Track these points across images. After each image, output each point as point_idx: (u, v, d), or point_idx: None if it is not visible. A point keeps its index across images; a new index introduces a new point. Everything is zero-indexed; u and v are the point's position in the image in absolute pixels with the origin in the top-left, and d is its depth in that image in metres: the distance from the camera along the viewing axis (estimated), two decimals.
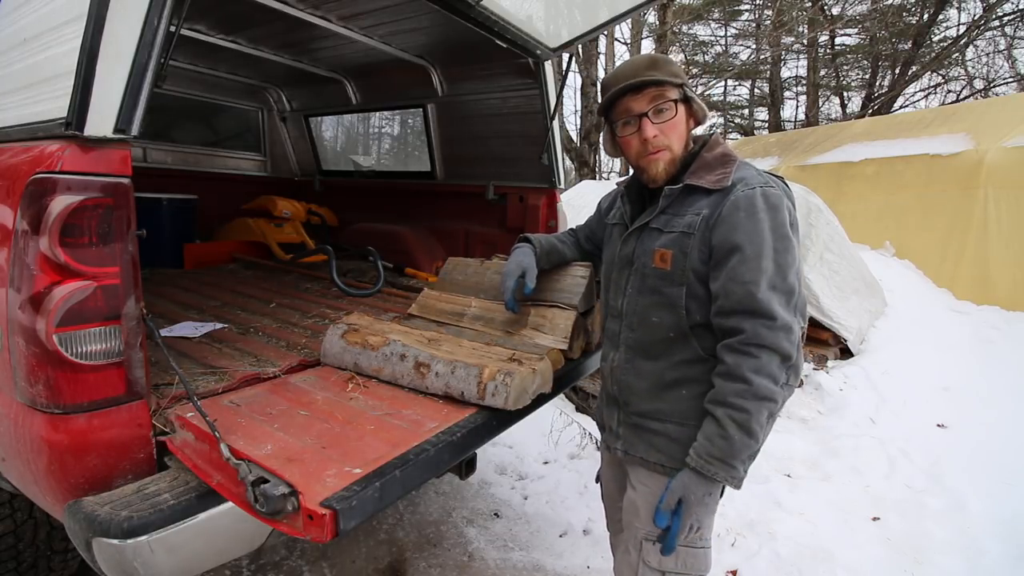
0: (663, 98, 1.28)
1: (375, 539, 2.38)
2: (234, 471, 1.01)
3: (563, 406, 3.56)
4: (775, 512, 2.58)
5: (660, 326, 1.31)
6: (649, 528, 1.36)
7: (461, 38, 2.59)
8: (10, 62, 1.28)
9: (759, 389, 1.13)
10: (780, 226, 1.20)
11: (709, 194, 1.25)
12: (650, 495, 1.37)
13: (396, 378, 1.55)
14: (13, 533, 1.61)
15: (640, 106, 1.29)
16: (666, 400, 1.33)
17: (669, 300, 1.28)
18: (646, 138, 1.29)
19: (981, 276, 5.14)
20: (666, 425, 1.34)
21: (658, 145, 1.29)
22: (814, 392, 3.88)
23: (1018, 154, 5.05)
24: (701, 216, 1.24)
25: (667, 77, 1.27)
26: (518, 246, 1.78)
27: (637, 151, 1.32)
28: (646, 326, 1.34)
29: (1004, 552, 2.31)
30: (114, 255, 1.09)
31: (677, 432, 1.32)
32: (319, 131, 4.08)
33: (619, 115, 1.34)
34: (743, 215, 1.19)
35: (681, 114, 1.30)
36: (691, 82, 1.35)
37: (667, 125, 1.29)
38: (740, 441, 1.15)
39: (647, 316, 1.33)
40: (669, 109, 1.28)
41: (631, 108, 1.30)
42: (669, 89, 1.28)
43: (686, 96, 1.30)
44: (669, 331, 1.30)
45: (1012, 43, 12.11)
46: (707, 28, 15.21)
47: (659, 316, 1.31)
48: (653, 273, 1.31)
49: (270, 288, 2.85)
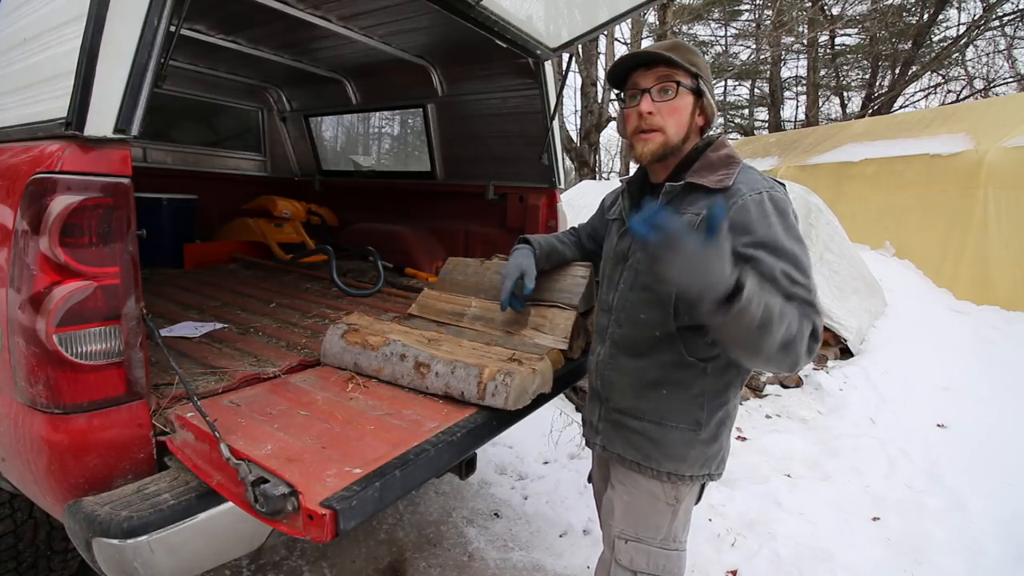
0: (670, 79, 1.25)
1: (375, 539, 2.38)
2: (234, 471, 1.00)
3: (563, 406, 3.56)
4: (775, 512, 2.58)
5: (647, 324, 1.30)
6: (623, 527, 1.36)
7: (461, 38, 2.59)
8: (10, 62, 1.28)
9: (790, 328, 1.04)
10: (791, 228, 1.18)
11: (709, 194, 1.23)
12: (626, 493, 1.37)
13: (396, 378, 1.55)
14: (13, 533, 1.61)
15: (646, 82, 1.27)
16: (646, 399, 1.32)
17: (659, 298, 1.27)
18: (641, 112, 1.27)
19: (981, 276, 5.14)
20: (644, 424, 1.33)
21: (652, 124, 1.26)
22: (814, 392, 3.89)
23: (1018, 154, 5.06)
24: (701, 217, 1.21)
25: (682, 61, 1.24)
26: (517, 247, 1.78)
27: (633, 126, 1.30)
28: (633, 323, 1.33)
29: (1004, 552, 2.31)
30: (114, 255, 1.09)
31: (655, 432, 1.32)
32: (319, 131, 4.08)
33: (628, 88, 1.32)
34: (755, 218, 1.16)
35: (686, 102, 1.27)
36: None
37: (667, 106, 1.26)
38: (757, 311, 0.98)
39: (635, 313, 1.32)
40: (672, 91, 1.25)
41: (638, 82, 1.29)
42: (680, 73, 1.25)
43: (699, 89, 1.28)
44: (655, 330, 1.29)
45: (1012, 43, 12.12)
46: (707, 28, 15.23)
47: (647, 313, 1.30)
48: (646, 270, 1.30)
49: (270, 288, 2.85)
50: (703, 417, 1.30)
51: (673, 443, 1.31)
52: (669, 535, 1.35)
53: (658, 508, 1.35)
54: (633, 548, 1.34)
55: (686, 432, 1.31)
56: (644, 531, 1.35)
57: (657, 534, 1.35)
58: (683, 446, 1.31)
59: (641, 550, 1.34)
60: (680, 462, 1.32)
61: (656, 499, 1.35)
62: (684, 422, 1.30)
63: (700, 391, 1.29)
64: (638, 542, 1.34)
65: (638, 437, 1.34)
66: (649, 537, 1.34)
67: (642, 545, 1.34)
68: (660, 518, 1.35)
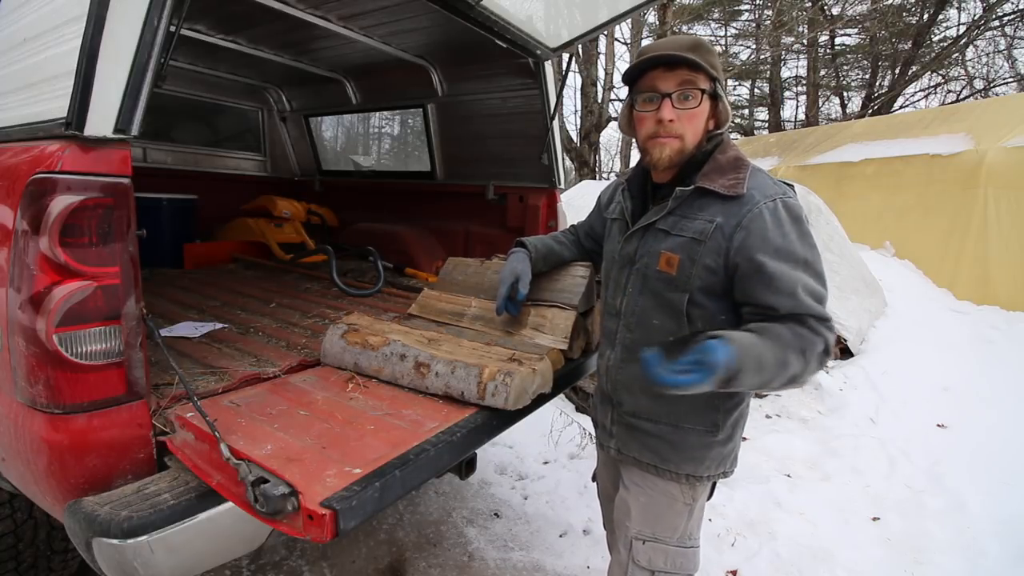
0: (693, 84, 1.20)
1: (375, 539, 2.38)
2: (234, 471, 1.01)
3: (563, 406, 3.56)
4: (775, 512, 2.58)
5: (660, 329, 1.29)
6: (640, 528, 1.36)
7: (461, 38, 2.59)
8: (10, 62, 1.28)
9: (794, 368, 1.10)
10: (806, 235, 1.18)
11: (721, 200, 1.20)
12: (642, 495, 1.38)
13: (396, 378, 1.55)
14: (13, 533, 1.61)
15: (667, 85, 1.21)
16: (660, 402, 1.31)
17: (671, 304, 1.26)
18: (662, 119, 1.21)
19: (981, 276, 5.15)
20: (661, 427, 1.33)
21: (672, 131, 1.22)
22: (814, 392, 3.88)
23: (1018, 154, 5.06)
24: (715, 224, 1.19)
25: (705, 64, 1.19)
26: (513, 251, 1.76)
27: (649, 131, 1.25)
28: (645, 328, 1.32)
29: (1004, 552, 2.31)
30: (114, 255, 1.09)
31: (673, 435, 1.32)
32: (319, 131, 4.08)
33: (643, 88, 1.25)
34: (770, 227, 1.15)
35: (705, 107, 1.23)
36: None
37: (688, 114, 1.21)
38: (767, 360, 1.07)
39: (647, 318, 1.31)
40: (695, 98, 1.21)
41: (657, 85, 1.22)
42: (702, 78, 1.20)
43: (716, 93, 1.24)
44: (669, 335, 1.27)
45: (1012, 43, 12.11)
46: (707, 28, 15.21)
47: (660, 319, 1.29)
48: (656, 276, 1.28)
49: (270, 288, 2.85)
50: (719, 419, 1.30)
51: (691, 446, 1.31)
52: (685, 533, 1.37)
53: (676, 508, 1.36)
54: (651, 548, 1.35)
55: (703, 434, 1.31)
56: (661, 531, 1.36)
57: (674, 533, 1.36)
58: (701, 448, 1.31)
59: (659, 550, 1.35)
60: (698, 464, 1.32)
61: (674, 500, 1.35)
62: (701, 424, 1.30)
63: (716, 393, 1.25)
64: (655, 542, 1.35)
65: (655, 440, 1.34)
66: (666, 537, 1.35)
67: (659, 545, 1.35)
68: (678, 518, 1.36)
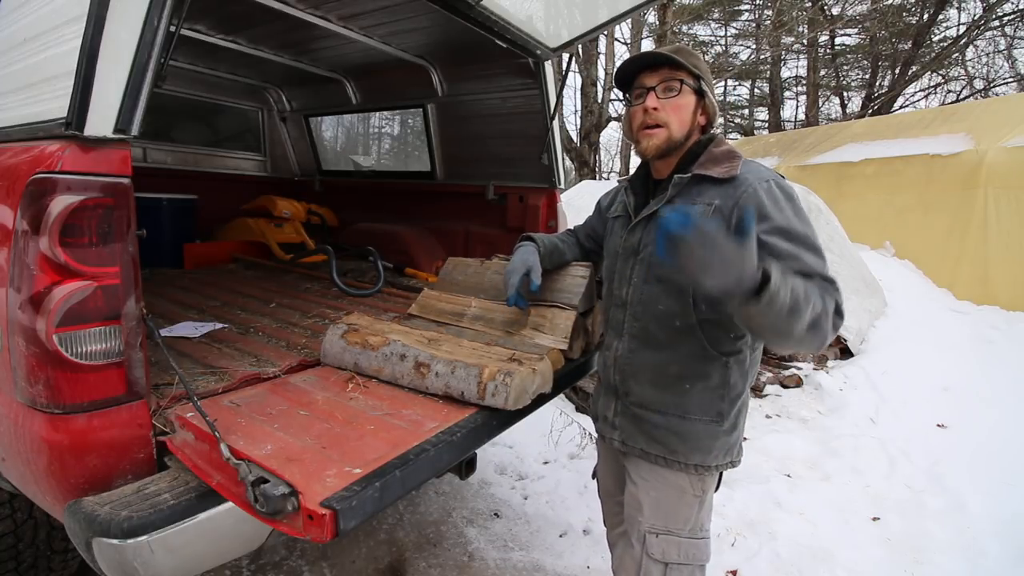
0: (674, 78, 1.31)
1: (375, 539, 2.38)
2: (234, 471, 1.01)
3: (563, 406, 3.56)
4: (775, 512, 2.58)
5: (666, 315, 1.32)
6: (652, 522, 1.37)
7: (461, 38, 2.59)
8: (10, 62, 1.28)
9: (816, 308, 1.08)
10: (800, 211, 1.24)
11: (717, 184, 1.27)
12: (652, 489, 1.39)
13: (396, 378, 1.55)
14: (13, 533, 1.61)
15: (651, 81, 1.33)
16: (669, 392, 1.34)
17: (676, 288, 1.29)
18: (647, 108, 1.31)
19: (981, 276, 5.15)
20: (668, 418, 1.35)
21: (656, 119, 1.31)
22: (814, 392, 3.89)
23: (1018, 154, 5.06)
24: (713, 206, 1.25)
25: (685, 63, 1.30)
26: (521, 244, 1.77)
27: (638, 122, 1.35)
28: (652, 315, 1.35)
29: (1004, 552, 2.31)
30: (114, 255, 1.09)
31: (680, 426, 1.34)
32: (319, 131, 4.08)
33: (634, 89, 1.38)
34: (767, 204, 1.20)
35: (689, 100, 1.33)
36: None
37: (671, 104, 1.31)
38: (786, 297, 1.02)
39: (653, 304, 1.34)
40: (676, 89, 1.31)
41: (643, 82, 1.34)
42: (684, 74, 1.31)
43: (701, 89, 1.33)
44: (675, 320, 1.31)
45: (1012, 43, 12.11)
46: (707, 28, 15.24)
47: (665, 304, 1.32)
48: (660, 261, 1.32)
49: (270, 288, 2.85)
50: (725, 409, 1.33)
51: (699, 436, 1.33)
52: (697, 524, 1.38)
53: (686, 500, 1.37)
54: (664, 541, 1.36)
55: (710, 424, 1.33)
56: (674, 524, 1.37)
57: (686, 525, 1.37)
58: (708, 438, 1.34)
59: (672, 542, 1.36)
60: (706, 454, 1.34)
61: (684, 492, 1.37)
62: (708, 415, 1.33)
63: (722, 383, 1.32)
64: (668, 535, 1.36)
65: (662, 432, 1.36)
66: (678, 529, 1.37)
67: (672, 537, 1.36)
68: (689, 510, 1.38)
